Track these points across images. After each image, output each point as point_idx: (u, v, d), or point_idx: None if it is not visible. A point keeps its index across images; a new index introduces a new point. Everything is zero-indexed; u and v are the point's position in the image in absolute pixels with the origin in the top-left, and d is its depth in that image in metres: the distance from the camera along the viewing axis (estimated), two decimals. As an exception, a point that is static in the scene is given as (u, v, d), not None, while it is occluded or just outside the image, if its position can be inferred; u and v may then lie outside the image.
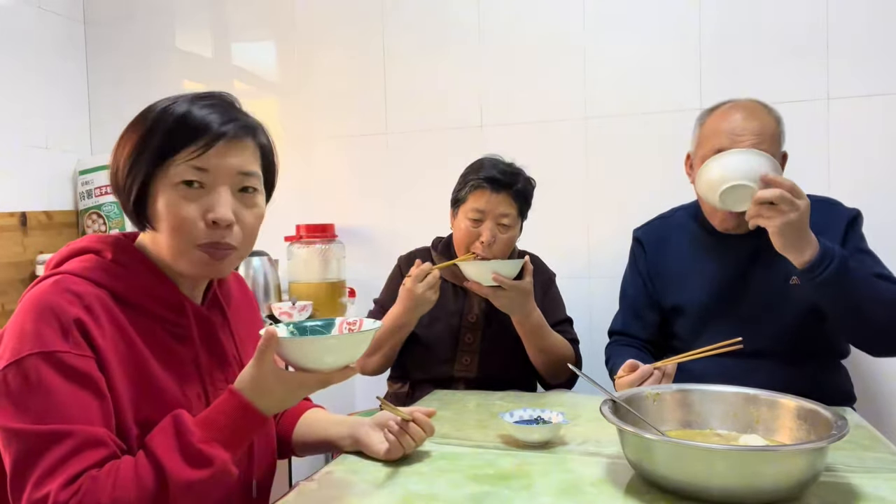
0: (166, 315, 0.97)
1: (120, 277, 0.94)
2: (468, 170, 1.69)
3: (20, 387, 0.83)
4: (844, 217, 1.52)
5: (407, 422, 1.12)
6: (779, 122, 1.49)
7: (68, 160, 2.58)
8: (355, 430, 1.15)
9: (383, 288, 1.83)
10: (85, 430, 0.83)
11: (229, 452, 0.88)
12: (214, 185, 0.94)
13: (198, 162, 0.92)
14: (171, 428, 0.87)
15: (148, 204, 0.94)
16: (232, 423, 0.89)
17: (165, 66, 2.62)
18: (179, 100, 0.95)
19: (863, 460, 1.07)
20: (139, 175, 0.93)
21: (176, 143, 0.92)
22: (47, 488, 0.79)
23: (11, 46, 2.37)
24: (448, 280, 1.72)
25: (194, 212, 0.93)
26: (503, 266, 1.54)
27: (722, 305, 1.55)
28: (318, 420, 1.22)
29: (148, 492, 0.82)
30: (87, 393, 0.85)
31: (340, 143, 2.44)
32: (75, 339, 0.86)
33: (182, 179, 0.92)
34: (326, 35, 2.44)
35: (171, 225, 0.93)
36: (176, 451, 0.85)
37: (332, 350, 0.91)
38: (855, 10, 1.95)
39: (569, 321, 1.78)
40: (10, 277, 2.33)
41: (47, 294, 0.88)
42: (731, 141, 1.45)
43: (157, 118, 0.93)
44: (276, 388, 0.90)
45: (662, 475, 0.94)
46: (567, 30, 2.19)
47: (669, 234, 1.68)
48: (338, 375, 0.92)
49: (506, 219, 1.62)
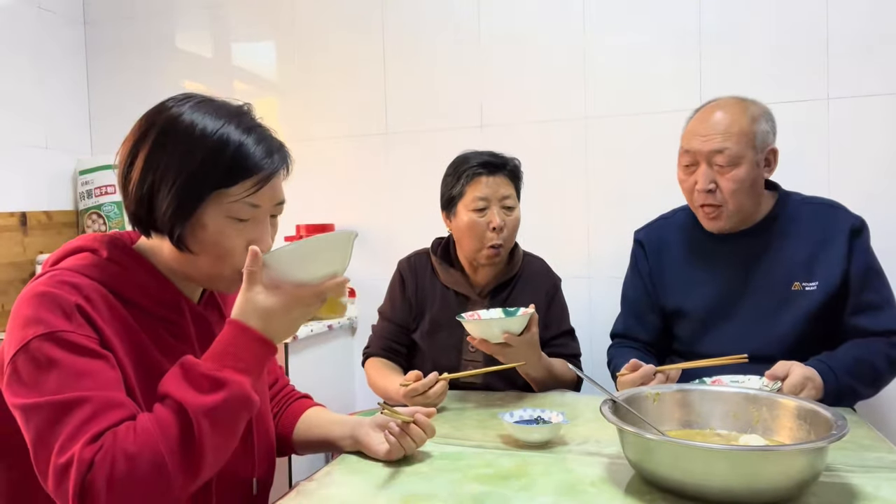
0: (163, 313, 0.97)
1: (116, 275, 0.94)
2: (453, 168, 1.67)
3: (30, 369, 0.83)
4: (847, 225, 1.49)
5: (408, 423, 1.12)
6: (755, 119, 1.48)
7: (68, 160, 2.59)
8: (356, 431, 1.15)
9: (385, 297, 1.80)
10: (102, 395, 0.83)
11: (242, 376, 0.87)
12: (260, 217, 0.96)
13: (253, 199, 0.93)
14: (178, 370, 0.87)
15: (186, 226, 0.92)
16: (235, 349, 0.88)
17: (165, 66, 2.62)
18: (224, 123, 0.93)
19: (863, 460, 1.07)
20: (187, 199, 0.91)
21: (235, 178, 0.92)
22: (71, 451, 0.79)
23: (11, 46, 2.37)
24: (450, 287, 1.70)
25: (241, 243, 0.94)
26: (512, 323, 1.43)
27: (723, 308, 1.54)
28: (319, 419, 1.22)
29: (172, 430, 0.82)
30: (98, 363, 0.85)
31: (340, 143, 2.44)
32: (78, 321, 0.86)
33: (239, 217, 0.93)
34: (326, 35, 2.44)
35: (217, 254, 0.94)
36: (187, 385, 0.85)
37: (311, 253, 0.91)
38: (855, 10, 1.95)
39: (570, 333, 1.73)
40: (10, 277, 2.33)
41: (43, 286, 0.88)
42: (698, 142, 1.49)
43: (214, 147, 0.91)
44: (272, 306, 0.90)
45: (662, 475, 0.95)
46: (567, 30, 2.19)
47: (670, 235, 1.67)
48: (330, 286, 0.92)
49: (508, 200, 1.62)
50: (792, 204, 1.56)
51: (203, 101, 0.96)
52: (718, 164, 1.47)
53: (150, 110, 0.96)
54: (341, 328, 2.36)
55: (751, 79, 2.00)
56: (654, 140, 2.10)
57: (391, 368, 1.67)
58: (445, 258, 1.74)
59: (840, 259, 1.47)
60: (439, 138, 2.31)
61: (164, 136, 0.92)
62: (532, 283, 1.70)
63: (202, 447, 0.83)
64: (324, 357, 2.26)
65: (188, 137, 0.91)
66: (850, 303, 1.47)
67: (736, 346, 1.50)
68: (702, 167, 1.50)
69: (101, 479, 0.78)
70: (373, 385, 1.64)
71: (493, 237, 1.60)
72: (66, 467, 0.78)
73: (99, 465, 0.78)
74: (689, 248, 1.63)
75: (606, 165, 2.18)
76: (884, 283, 1.50)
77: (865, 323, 1.45)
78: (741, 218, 1.52)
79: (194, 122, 0.92)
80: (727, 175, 1.47)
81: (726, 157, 1.46)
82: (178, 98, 0.96)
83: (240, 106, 0.99)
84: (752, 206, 1.52)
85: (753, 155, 1.47)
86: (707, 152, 1.48)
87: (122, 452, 0.79)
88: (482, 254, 1.62)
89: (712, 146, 1.47)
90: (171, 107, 0.94)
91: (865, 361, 1.40)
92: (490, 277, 1.69)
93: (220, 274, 0.96)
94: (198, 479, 0.84)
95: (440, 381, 1.41)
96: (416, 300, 1.72)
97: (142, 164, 0.92)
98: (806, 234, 1.51)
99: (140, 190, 0.92)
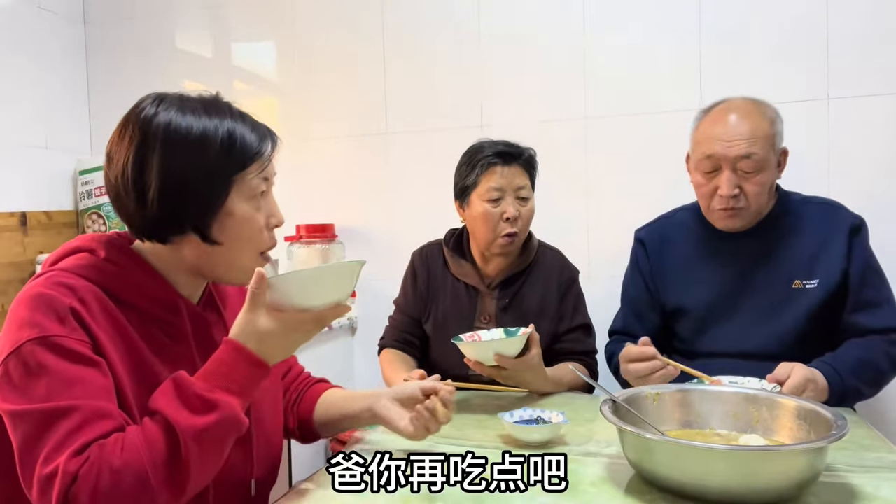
0: (160, 314, 0.97)
1: (113, 275, 0.94)
2: (468, 157, 1.65)
3: (21, 373, 0.83)
4: (847, 224, 1.50)
5: (433, 402, 1.09)
6: (773, 121, 1.48)
7: (68, 160, 2.58)
8: (375, 404, 1.15)
9: (400, 289, 1.80)
10: (90, 405, 0.83)
11: (233, 398, 0.86)
12: (269, 189, 1.01)
13: (264, 174, 0.98)
14: (170, 386, 0.86)
15: (214, 220, 0.95)
16: (229, 369, 0.88)
17: (165, 66, 2.61)
18: (217, 118, 0.96)
19: (863, 460, 1.07)
20: (215, 194, 0.94)
21: (246, 162, 0.96)
22: (56, 462, 0.78)
23: (11, 46, 2.37)
24: (460, 280, 1.69)
25: (262, 220, 0.99)
26: (506, 345, 1.39)
27: (724, 307, 1.55)
28: (336, 398, 1.23)
29: (159, 449, 0.82)
30: (89, 371, 0.85)
31: (340, 143, 2.44)
32: (72, 325, 0.86)
33: (257, 192, 0.97)
34: (326, 35, 2.44)
35: (246, 236, 0.97)
36: (179, 404, 0.84)
37: (318, 281, 0.91)
38: (855, 10, 1.95)
39: (585, 327, 1.68)
40: (10, 277, 2.33)
41: (40, 287, 0.88)
42: (722, 148, 1.46)
43: (222, 142, 0.94)
44: (272, 330, 0.89)
45: (662, 475, 0.95)
46: (567, 30, 2.19)
47: (671, 234, 1.67)
48: (331, 313, 0.93)
49: (523, 191, 1.61)
50: (792, 203, 1.56)
51: (182, 100, 0.97)
52: (744, 169, 1.46)
53: (134, 118, 0.95)
54: (341, 328, 2.36)
55: (751, 79, 2.00)
56: (654, 140, 2.10)
57: (403, 361, 1.67)
58: (457, 250, 1.73)
59: (840, 257, 1.47)
60: (439, 138, 2.31)
61: (170, 141, 0.92)
62: (544, 276, 1.67)
63: (188, 467, 0.82)
64: (324, 357, 2.26)
65: (196, 138, 0.93)
66: (849, 301, 1.48)
67: (736, 344, 1.51)
68: (725, 172, 1.47)
69: (84, 492, 0.77)
70: (384, 377, 1.65)
71: (507, 227, 1.58)
72: (50, 478, 0.78)
73: (83, 478, 0.78)
74: (690, 247, 1.63)
75: (606, 165, 2.17)
76: (883, 281, 1.51)
77: (864, 321, 1.46)
78: (758, 218, 1.53)
79: (192, 123, 0.94)
80: (753, 179, 1.46)
81: (753, 162, 1.45)
82: (154, 101, 0.96)
83: (214, 96, 1.01)
84: (767, 206, 1.53)
85: (774, 158, 1.48)
86: (733, 157, 1.45)
87: (108, 466, 0.79)
88: (496, 243, 1.60)
89: (738, 151, 1.44)
90: (157, 112, 0.94)
91: (868, 361, 1.40)
92: (501, 269, 1.67)
93: (240, 262, 0.98)
94: (182, 496, 0.84)
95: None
96: (427, 292, 1.72)
97: (158, 170, 0.92)
98: (806, 233, 1.52)
99: (165, 195, 0.92)
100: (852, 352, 1.42)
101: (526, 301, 1.66)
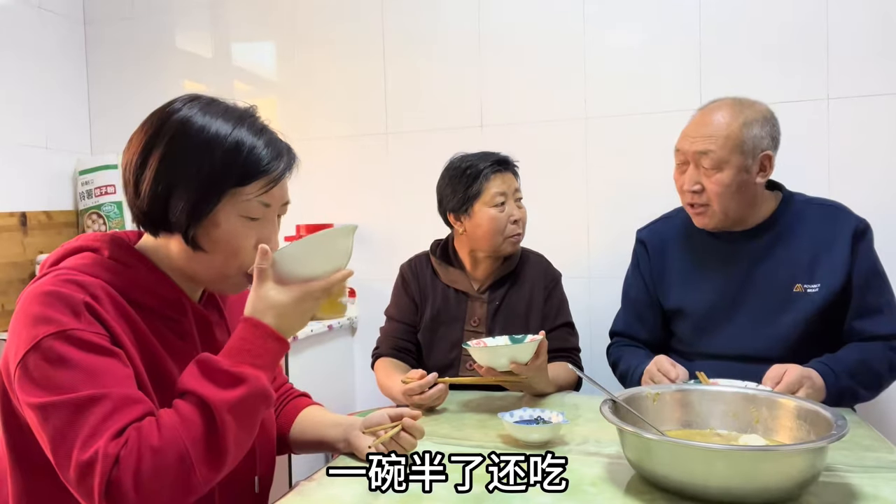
0: (166, 312, 0.97)
1: (119, 274, 0.94)
2: (460, 172, 1.67)
3: (43, 368, 0.82)
4: (851, 227, 1.48)
5: (397, 433, 1.10)
6: (748, 124, 1.45)
7: (68, 160, 2.58)
8: (349, 433, 1.15)
9: (390, 300, 1.82)
10: (119, 391, 0.83)
11: (259, 371, 0.89)
12: (269, 216, 0.99)
13: (265, 199, 0.96)
14: (195, 367, 0.88)
15: (201, 225, 0.94)
16: (251, 345, 0.90)
17: (165, 66, 2.62)
18: (236, 126, 0.95)
19: (863, 460, 1.07)
20: (204, 200, 0.92)
21: (249, 178, 0.94)
22: (95, 447, 0.79)
23: (11, 46, 2.37)
24: (450, 286, 1.73)
25: (251, 242, 0.96)
26: (519, 351, 1.38)
27: (724, 308, 1.54)
28: (315, 419, 1.21)
29: (196, 425, 0.83)
30: (111, 360, 0.85)
31: (340, 143, 2.44)
32: (88, 319, 0.86)
33: (251, 216, 0.96)
34: (326, 35, 2.44)
35: (228, 252, 0.96)
36: (208, 381, 0.86)
37: (318, 249, 0.95)
38: (855, 10, 1.95)
39: (569, 325, 1.74)
40: (10, 277, 2.33)
41: (49, 285, 0.88)
42: (686, 142, 1.50)
43: (230, 149, 0.93)
44: (284, 301, 0.92)
45: (662, 475, 0.95)
46: (567, 30, 2.19)
47: (672, 235, 1.67)
48: (336, 278, 0.96)
49: (519, 193, 1.71)
50: (796, 205, 1.55)
51: (211, 103, 0.97)
52: (704, 166, 1.48)
53: (160, 111, 0.96)
54: (341, 328, 2.36)
55: (751, 79, 2.00)
56: (654, 140, 2.10)
57: (398, 368, 1.67)
58: (444, 258, 1.77)
59: (843, 262, 1.46)
60: (439, 138, 2.31)
61: (177, 138, 0.93)
62: (530, 279, 1.73)
63: (226, 441, 0.84)
64: (324, 357, 2.26)
65: (203, 140, 0.93)
66: (851, 306, 1.47)
67: (736, 346, 1.51)
68: (690, 167, 1.51)
69: (127, 474, 0.78)
70: (380, 386, 1.65)
71: (515, 228, 1.67)
72: (90, 463, 0.78)
73: (125, 460, 0.78)
74: (691, 248, 1.63)
75: (606, 165, 2.17)
76: (886, 286, 1.50)
77: (867, 326, 1.45)
78: (730, 220, 1.52)
79: (207, 125, 0.94)
80: (712, 178, 1.47)
81: (710, 160, 1.46)
82: (185, 99, 0.97)
83: (247, 108, 1.00)
84: (740, 209, 1.50)
85: (742, 160, 1.45)
86: (693, 153, 1.49)
87: (148, 447, 0.80)
88: (505, 245, 1.67)
89: (697, 148, 1.48)
90: (181, 109, 0.95)
91: (866, 364, 1.40)
92: (489, 273, 1.72)
93: (227, 273, 0.98)
94: (220, 472, 0.85)
95: (439, 383, 1.42)
96: (419, 298, 1.76)
97: (156, 165, 0.92)
98: (809, 236, 1.50)
99: (155, 190, 0.92)
100: (851, 354, 1.42)
101: (514, 303, 1.70)
